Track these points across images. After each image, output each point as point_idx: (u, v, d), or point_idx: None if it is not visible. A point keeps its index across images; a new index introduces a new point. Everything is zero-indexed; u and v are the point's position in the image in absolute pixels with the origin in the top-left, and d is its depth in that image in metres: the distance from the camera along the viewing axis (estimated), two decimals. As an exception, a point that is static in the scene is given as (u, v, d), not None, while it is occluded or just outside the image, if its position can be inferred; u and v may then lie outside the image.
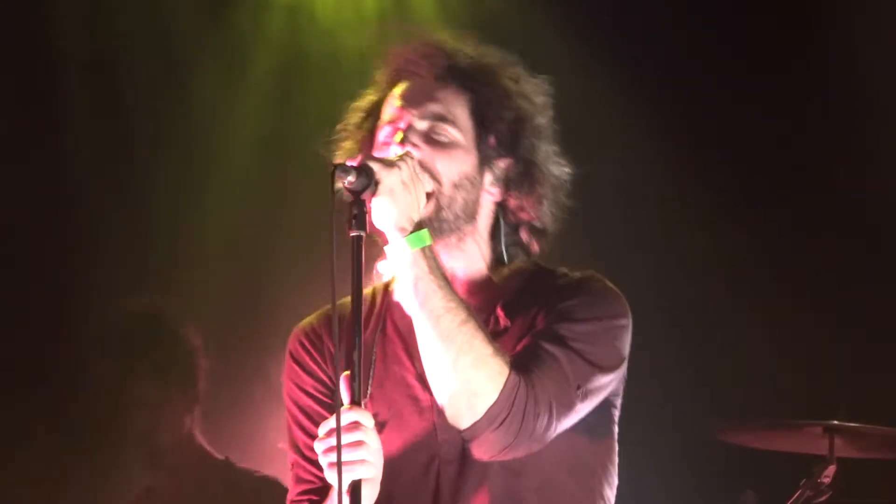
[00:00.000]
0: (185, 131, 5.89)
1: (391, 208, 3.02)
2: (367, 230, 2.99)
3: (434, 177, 3.17)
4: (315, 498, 3.23)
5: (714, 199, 5.71)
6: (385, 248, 3.10)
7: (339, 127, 3.37)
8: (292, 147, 5.78)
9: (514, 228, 3.33)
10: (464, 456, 3.13)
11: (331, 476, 2.97)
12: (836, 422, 4.80)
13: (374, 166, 3.01)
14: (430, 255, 3.05)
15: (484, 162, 3.26)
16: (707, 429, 5.12)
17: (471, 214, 3.24)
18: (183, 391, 5.06)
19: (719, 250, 5.70)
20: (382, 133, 3.25)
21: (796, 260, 5.66)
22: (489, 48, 3.35)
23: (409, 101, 3.25)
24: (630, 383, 3.32)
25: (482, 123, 3.25)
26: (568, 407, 3.09)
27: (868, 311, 5.56)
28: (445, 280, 3.06)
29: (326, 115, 5.45)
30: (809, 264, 5.65)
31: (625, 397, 3.34)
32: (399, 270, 3.08)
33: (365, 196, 2.99)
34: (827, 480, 4.79)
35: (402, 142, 3.18)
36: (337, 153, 3.31)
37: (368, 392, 3.15)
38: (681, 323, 5.65)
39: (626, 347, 3.22)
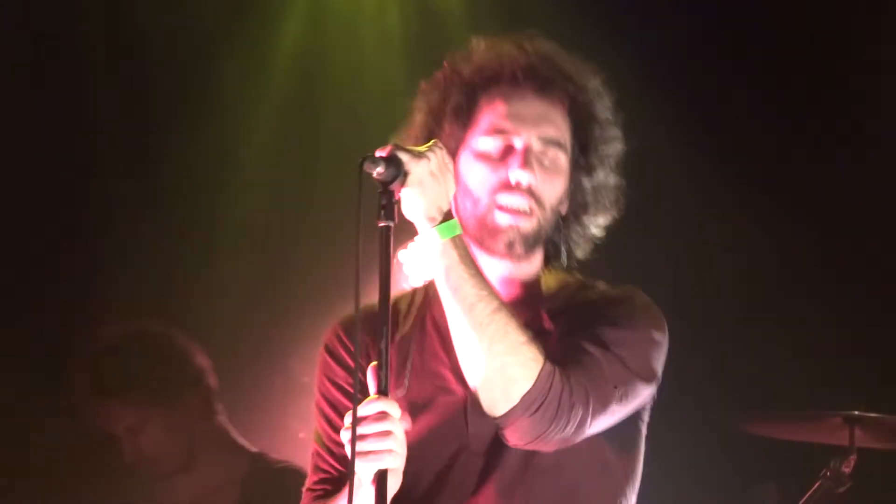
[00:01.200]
0: (206, 129, 5.89)
1: (420, 199, 3.04)
2: (396, 220, 3.01)
3: (540, 201, 3.22)
4: (329, 488, 3.25)
5: (730, 190, 5.69)
6: (414, 238, 3.11)
7: (416, 103, 3.33)
8: (316, 140, 5.80)
9: (567, 234, 3.37)
10: (492, 450, 3.15)
11: (359, 466, 2.96)
12: (856, 412, 4.80)
13: (404, 157, 3.02)
14: (460, 245, 3.07)
15: (571, 183, 3.31)
16: (727, 420, 5.12)
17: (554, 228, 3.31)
18: (196, 411, 4.95)
19: (738, 240, 5.69)
20: (492, 143, 3.24)
21: (815, 249, 5.65)
22: (567, 53, 3.36)
23: (526, 119, 3.24)
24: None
25: (580, 147, 3.30)
26: (604, 404, 3.11)
27: (889, 300, 5.55)
28: (476, 268, 3.07)
29: (347, 111, 5.55)
30: (829, 253, 5.63)
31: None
32: (429, 260, 3.09)
33: (394, 187, 3.00)
34: (847, 471, 4.79)
35: (525, 165, 3.19)
36: (410, 134, 3.31)
37: (406, 384, 3.19)
38: (699, 314, 5.63)
39: (660, 364, 3.25)
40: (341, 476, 3.22)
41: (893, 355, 5.54)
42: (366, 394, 3.11)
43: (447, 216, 3.07)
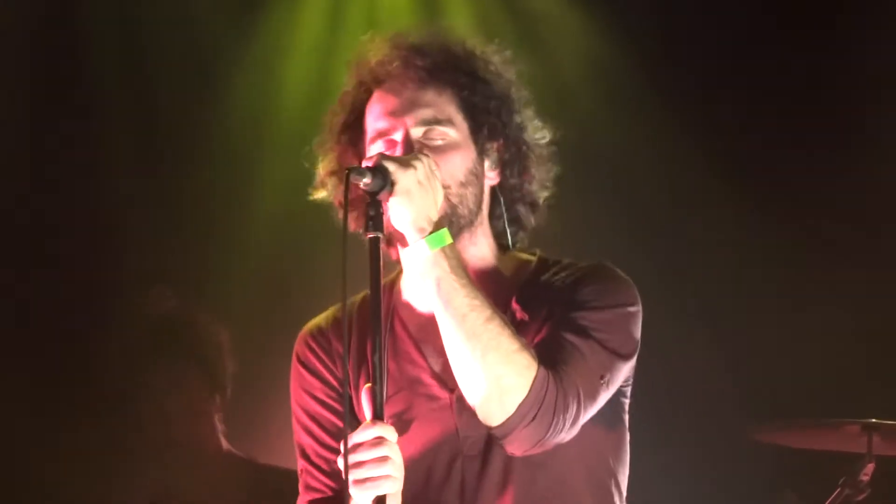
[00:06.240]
0: (219, 133, 5.94)
1: (408, 208, 3.01)
2: (385, 231, 2.99)
3: (441, 181, 3.13)
4: None
5: (743, 194, 5.67)
6: (403, 249, 3.08)
7: (319, 138, 3.33)
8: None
9: (509, 206, 3.31)
10: (486, 451, 3.14)
11: (357, 493, 2.95)
12: (874, 420, 4.76)
13: (390, 166, 2.99)
14: (451, 254, 3.04)
15: (481, 151, 3.25)
16: (744, 429, 5.09)
17: (479, 204, 3.24)
18: (210, 392, 5.04)
19: (752, 247, 5.66)
20: (376, 146, 3.20)
21: (829, 255, 5.61)
22: (452, 34, 3.34)
23: (399, 110, 3.21)
24: (666, 384, 3.31)
25: (473, 115, 3.24)
26: (593, 397, 3.10)
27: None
28: (468, 278, 3.04)
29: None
30: (843, 259, 5.59)
31: (661, 399, 3.33)
32: (419, 271, 3.06)
33: (381, 197, 2.98)
34: (866, 479, 4.76)
35: (408, 152, 3.14)
36: (320, 164, 3.30)
37: (385, 392, 3.12)
38: (715, 322, 5.62)
39: (639, 333, 3.22)
40: (335, 494, 3.19)
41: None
42: (350, 405, 3.10)
43: (437, 226, 3.04)
